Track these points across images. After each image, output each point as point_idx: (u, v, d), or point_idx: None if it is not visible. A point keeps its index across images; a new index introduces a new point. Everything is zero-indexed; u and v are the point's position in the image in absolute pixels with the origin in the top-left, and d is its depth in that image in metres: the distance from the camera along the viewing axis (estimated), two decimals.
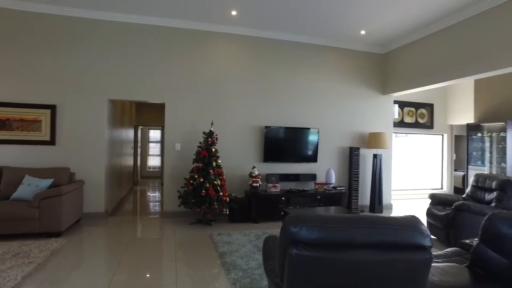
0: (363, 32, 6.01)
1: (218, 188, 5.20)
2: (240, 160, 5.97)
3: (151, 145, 13.23)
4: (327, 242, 1.43)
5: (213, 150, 5.28)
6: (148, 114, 11.15)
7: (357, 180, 6.44)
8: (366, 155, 6.77)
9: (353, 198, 6.41)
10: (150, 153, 13.24)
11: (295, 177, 6.13)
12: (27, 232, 4.26)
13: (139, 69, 5.58)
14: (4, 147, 5.14)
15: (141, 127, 12.31)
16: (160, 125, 11.14)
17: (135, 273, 3.33)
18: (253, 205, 5.48)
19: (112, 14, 5.41)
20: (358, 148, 6.46)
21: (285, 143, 6.11)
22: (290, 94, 6.26)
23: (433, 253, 1.66)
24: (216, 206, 5.10)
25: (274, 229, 5.01)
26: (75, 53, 5.35)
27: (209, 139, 5.30)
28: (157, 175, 12.90)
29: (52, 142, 5.25)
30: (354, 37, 6.27)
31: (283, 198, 5.63)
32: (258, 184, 5.65)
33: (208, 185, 5.08)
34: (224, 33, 5.91)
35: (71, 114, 5.34)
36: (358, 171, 6.45)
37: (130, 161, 9.37)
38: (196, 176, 5.15)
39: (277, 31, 6.08)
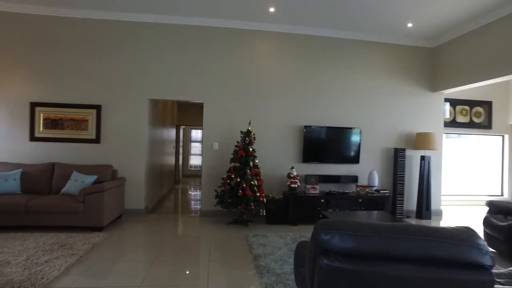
0: (410, 25, 5.61)
1: (255, 188, 5.11)
2: (278, 160, 5.84)
3: (193, 144, 13.52)
4: (363, 253, 1.26)
5: (251, 149, 5.21)
6: (190, 114, 11.39)
7: (403, 184, 6.03)
8: (413, 157, 6.32)
9: (398, 202, 6.01)
10: (192, 152, 13.54)
11: (336, 179, 5.87)
12: (73, 225, 4.48)
13: (178, 69, 5.66)
14: (57, 145, 5.46)
15: (183, 127, 12.62)
16: (201, 124, 11.32)
17: (169, 270, 3.34)
18: (290, 207, 5.33)
19: (152, 16, 5.54)
20: (403, 149, 6.05)
21: (325, 143, 5.88)
22: (331, 93, 6.01)
23: (494, 271, 1.41)
24: (253, 207, 5.02)
25: (311, 232, 4.81)
26: (118, 56, 5.55)
27: (247, 139, 5.23)
28: (199, 174, 13.14)
29: (97, 140, 5.49)
30: (401, 30, 5.87)
31: (322, 201, 5.41)
32: (296, 185, 5.48)
33: (245, 185, 5.02)
34: (262, 31, 5.82)
35: (114, 113, 5.55)
36: (403, 174, 6.04)
37: (171, 160, 9.61)
38: (233, 176, 5.10)
39: (316, 28, 5.87)
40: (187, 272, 3.32)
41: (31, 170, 5.05)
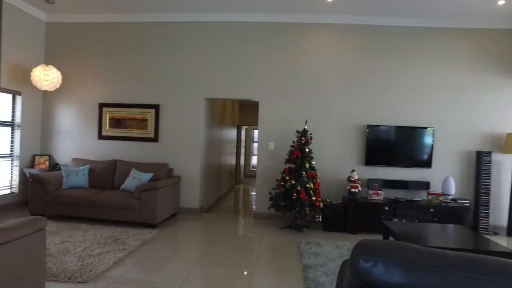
0: (501, 3, 4.71)
1: (311, 192, 4.76)
2: (337, 162, 5.40)
3: (255, 144, 13.51)
4: None
5: (307, 150, 4.87)
6: (252, 114, 11.35)
7: (488, 193, 5.13)
8: (502, 162, 5.34)
9: (481, 215, 5.13)
10: (254, 152, 13.53)
11: (403, 185, 5.23)
12: (129, 221, 4.61)
13: (233, 68, 5.56)
14: (119, 143, 5.74)
15: (246, 127, 12.66)
16: None
17: (212, 271, 3.19)
18: (350, 213, 4.86)
19: (204, 15, 5.51)
20: (489, 153, 5.15)
21: (391, 145, 5.27)
22: (398, 88, 5.37)
23: None
24: (308, 212, 4.68)
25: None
26: (175, 56, 5.64)
27: (303, 138, 4.90)
28: None
29: (155, 139, 5.64)
30: (487, 11, 5.00)
31: (386, 208, 4.84)
32: (357, 190, 4.99)
33: (299, 188, 4.70)
34: (318, 24, 5.43)
35: (171, 113, 5.65)
36: (489, 182, 5.14)
37: (231, 160, 9.64)
38: (288, 178, 4.82)
39: (379, 16, 5.29)
40: (230, 275, 3.14)
41: (97, 166, 5.37)
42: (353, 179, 5.04)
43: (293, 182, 4.76)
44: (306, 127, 5.01)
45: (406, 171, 5.32)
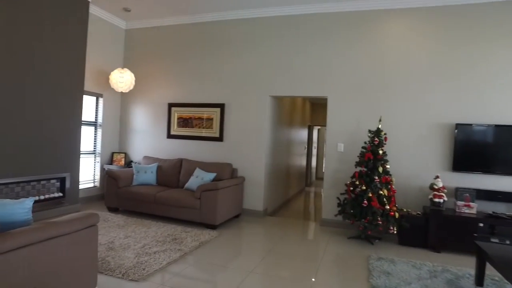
0: None
1: (385, 199, 4.18)
2: (416, 166, 4.67)
3: None
4: None
5: (380, 152, 4.31)
6: (324, 114, 10.80)
7: None
8: None
9: None
10: None
11: (505, 197, 4.28)
12: (190, 220, 4.60)
13: (299, 64, 5.21)
14: (186, 142, 5.84)
15: (318, 127, 12.15)
16: None
17: (267, 280, 2.91)
18: (432, 227, 4.14)
19: (268, 10, 5.27)
20: None
21: (488, 147, 4.37)
22: (496, 80, 4.42)
23: None
24: (380, 222, 4.11)
25: (461, 267, 3.56)
26: (240, 53, 5.52)
27: (376, 139, 4.35)
28: None
29: (220, 138, 5.59)
30: None
31: (481, 225, 3.99)
32: (442, 200, 4.24)
33: (371, 194, 4.17)
34: (393, 10, 4.76)
35: (236, 112, 5.54)
36: None
37: (302, 162, 9.27)
38: (358, 183, 4.31)
39: None
40: (285, 286, 2.83)
41: (164, 165, 5.52)
42: (436, 187, 4.29)
43: (364, 187, 4.23)
44: (380, 126, 4.43)
45: (508, 180, 4.35)
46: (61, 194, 4.89)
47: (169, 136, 5.95)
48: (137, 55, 6.29)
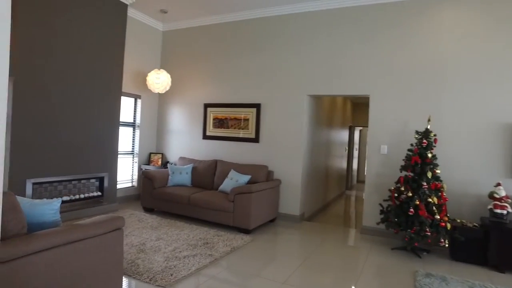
0: None
1: (434, 208, 3.77)
2: (472, 172, 4.17)
3: None
4: None
5: (429, 155, 3.89)
6: (366, 114, 10.29)
7: None
8: None
9: None
10: None
11: None
12: (224, 224, 4.48)
13: (337, 61, 4.90)
14: (221, 143, 5.74)
15: (360, 128, 11.61)
16: None
17: None
18: (493, 242, 3.64)
19: (304, 5, 5.00)
20: None
21: None
22: None
23: None
24: (429, 233, 3.70)
25: None
26: (275, 51, 5.31)
27: (424, 141, 3.94)
28: None
29: (256, 139, 5.42)
30: None
31: None
32: (505, 211, 3.73)
33: (418, 202, 3.77)
34: None
35: (272, 112, 5.34)
36: None
37: (342, 164, 8.87)
38: (403, 189, 3.93)
39: None
40: None
41: (199, 166, 5.46)
42: (498, 196, 3.78)
43: (410, 194, 3.85)
44: (429, 127, 4.02)
45: None
46: (99, 193, 5.00)
47: (205, 136, 5.89)
48: (173, 56, 6.32)
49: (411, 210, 3.78)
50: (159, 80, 5.52)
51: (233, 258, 3.50)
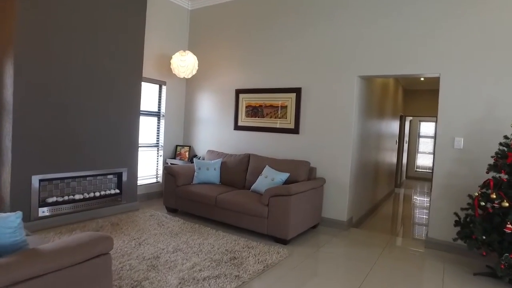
0: None
1: None
2: None
3: (421, 140, 10.99)
4: None
5: None
6: (420, 102, 9.07)
7: None
8: None
9: None
10: (420, 150, 11.03)
11: None
12: (257, 231, 3.73)
13: (397, 32, 3.91)
14: (254, 134, 4.98)
15: (410, 118, 10.34)
16: (435, 115, 8.78)
17: None
18: None
19: None
20: None
21: None
22: None
23: None
24: None
25: None
26: (320, 28, 4.41)
27: None
28: (428, 177, 10.53)
29: (295, 130, 4.59)
30: None
31: None
32: None
33: None
34: None
35: (315, 97, 4.47)
36: None
37: (392, 158, 7.79)
38: (494, 196, 2.94)
39: None
40: None
41: (229, 161, 4.74)
42: None
43: (506, 204, 2.85)
44: None
45: None
46: (117, 191, 4.44)
47: (236, 127, 5.15)
48: (202, 37, 5.61)
49: (509, 226, 2.79)
50: (184, 63, 4.84)
51: (266, 280, 2.73)
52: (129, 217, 4.15)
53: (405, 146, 10.07)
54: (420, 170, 11.00)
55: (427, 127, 10.88)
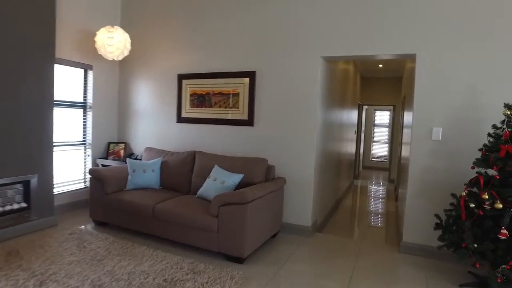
0: None
1: None
2: None
3: (376, 129, 10.90)
4: None
5: None
6: (376, 90, 8.82)
7: None
8: None
9: None
10: (376, 139, 10.94)
11: None
12: (205, 248, 3.00)
13: (369, 6, 3.35)
14: (201, 127, 4.21)
15: (366, 107, 10.14)
16: (391, 103, 8.58)
17: None
18: None
19: None
20: None
21: None
22: None
23: None
24: None
25: None
26: (277, 1, 3.73)
27: None
28: (383, 166, 10.48)
29: (250, 122, 3.90)
30: None
31: None
32: None
33: None
34: None
35: (272, 83, 3.80)
36: None
37: (352, 149, 7.43)
38: (486, 196, 2.47)
39: None
40: None
41: (171, 160, 3.93)
42: None
43: (500, 205, 2.40)
44: None
45: None
46: (24, 205, 3.45)
47: (180, 119, 4.34)
48: (138, 12, 4.67)
49: (504, 231, 2.34)
50: (112, 41, 3.90)
51: None
52: (38, 239, 3.20)
53: (362, 135, 9.87)
54: (375, 159, 10.93)
55: (382, 116, 10.78)
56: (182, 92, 4.31)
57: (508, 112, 2.50)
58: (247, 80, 3.88)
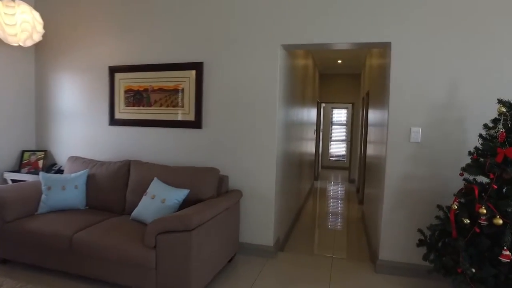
0: None
1: None
2: None
3: (334, 128, 10.70)
4: None
5: None
6: (334, 88, 8.52)
7: None
8: None
9: None
10: (334, 138, 10.74)
11: None
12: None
13: None
14: (138, 131, 3.46)
15: (324, 104, 9.85)
16: (348, 101, 8.34)
17: None
18: None
19: None
20: None
21: None
22: None
23: None
24: None
25: None
26: None
27: None
28: (341, 165, 10.31)
29: (197, 123, 3.23)
30: None
31: None
32: None
33: None
34: None
35: (223, 76, 3.17)
36: None
37: (312, 149, 7.03)
38: (484, 211, 2.04)
39: None
40: None
41: (100, 172, 3.15)
42: None
43: (500, 221, 1.98)
44: None
45: None
46: None
47: (113, 122, 3.55)
48: None
49: (507, 253, 1.93)
50: (12, 20, 3.02)
51: None
52: None
53: (321, 134, 9.57)
54: (333, 159, 10.73)
55: (339, 114, 10.60)
56: (115, 88, 3.53)
57: (504, 110, 2.10)
58: (193, 73, 3.21)
